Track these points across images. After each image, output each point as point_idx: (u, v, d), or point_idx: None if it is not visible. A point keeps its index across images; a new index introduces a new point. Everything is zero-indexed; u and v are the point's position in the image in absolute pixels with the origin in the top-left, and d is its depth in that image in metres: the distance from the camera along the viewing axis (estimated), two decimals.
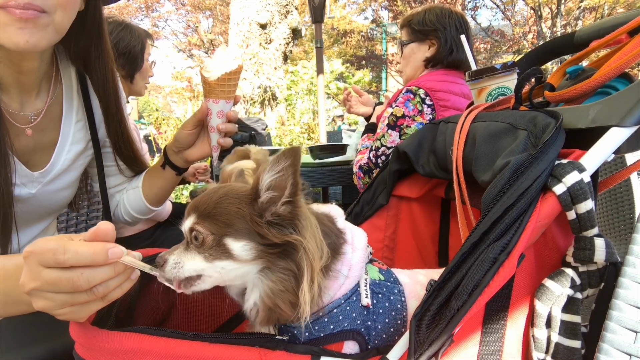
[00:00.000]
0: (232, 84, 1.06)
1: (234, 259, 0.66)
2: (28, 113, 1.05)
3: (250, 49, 8.24)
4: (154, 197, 1.21)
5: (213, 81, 1.04)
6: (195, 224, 0.67)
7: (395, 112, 1.89)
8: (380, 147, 1.91)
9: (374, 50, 18.07)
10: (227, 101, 1.08)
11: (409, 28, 2.08)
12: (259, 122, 3.70)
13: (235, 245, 0.65)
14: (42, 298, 0.60)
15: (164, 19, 19.97)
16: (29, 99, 1.05)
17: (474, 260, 0.64)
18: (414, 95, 1.87)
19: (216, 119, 1.08)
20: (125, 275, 0.63)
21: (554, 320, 0.68)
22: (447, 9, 2.06)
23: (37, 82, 1.04)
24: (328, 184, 2.66)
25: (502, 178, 0.68)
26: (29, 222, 1.10)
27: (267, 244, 0.66)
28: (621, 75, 0.73)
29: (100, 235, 0.60)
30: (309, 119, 8.28)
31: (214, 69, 1.04)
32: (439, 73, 2.00)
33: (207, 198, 0.68)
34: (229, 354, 0.67)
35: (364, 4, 17.96)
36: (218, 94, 1.06)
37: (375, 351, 0.68)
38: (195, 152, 1.15)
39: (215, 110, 1.07)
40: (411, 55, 2.09)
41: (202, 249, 0.66)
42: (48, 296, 0.60)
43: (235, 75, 1.05)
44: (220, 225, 0.65)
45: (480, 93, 1.13)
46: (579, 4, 11.56)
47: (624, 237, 1.61)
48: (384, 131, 1.90)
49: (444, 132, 1.01)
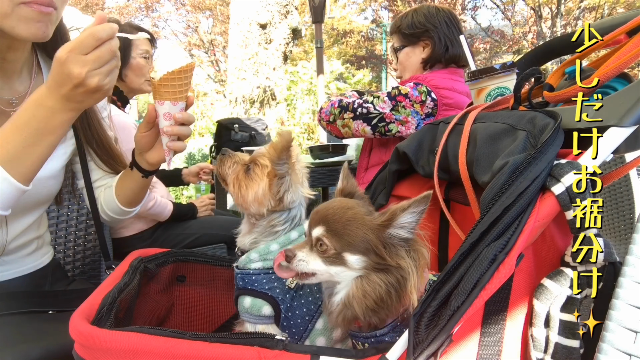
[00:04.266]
0: (177, 84, 1.00)
1: (346, 267, 0.77)
2: (9, 97, 1.07)
3: (250, 49, 8.24)
4: (124, 198, 1.20)
5: (157, 81, 1.00)
6: (324, 237, 0.78)
7: (400, 88, 1.87)
8: (368, 103, 1.88)
9: (374, 50, 18.07)
10: (173, 102, 1.01)
11: (399, 34, 2.06)
12: (259, 122, 3.69)
13: (351, 258, 0.76)
14: (95, 75, 0.83)
15: (164, 19, 19.97)
16: (10, 83, 1.08)
17: (472, 260, 0.64)
18: (421, 86, 1.87)
19: (163, 121, 1.03)
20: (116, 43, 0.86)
21: (553, 319, 0.68)
22: (434, 7, 2.03)
23: (19, 68, 1.09)
24: (328, 184, 2.66)
25: (501, 178, 0.68)
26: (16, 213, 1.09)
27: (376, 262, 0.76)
28: (620, 75, 0.73)
29: (102, 18, 0.83)
30: (309, 119, 8.27)
31: (160, 68, 1.03)
32: (442, 72, 1.99)
33: (337, 216, 0.79)
34: (228, 354, 0.68)
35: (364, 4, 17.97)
36: (162, 95, 1.00)
37: (375, 350, 0.68)
38: (154, 155, 1.11)
39: (161, 112, 1.02)
40: (407, 60, 2.07)
41: (324, 255, 0.78)
42: (97, 71, 0.83)
43: (182, 75, 0.99)
44: (344, 244, 0.77)
45: (479, 93, 1.13)
46: (579, 4, 11.56)
47: (624, 237, 1.61)
48: (382, 95, 1.88)
49: (443, 133, 1.01)
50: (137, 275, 0.97)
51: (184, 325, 1.15)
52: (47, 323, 1.06)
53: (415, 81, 1.90)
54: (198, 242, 2.16)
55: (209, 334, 0.71)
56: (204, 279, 1.18)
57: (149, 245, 2.04)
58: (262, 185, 1.00)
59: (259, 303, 0.96)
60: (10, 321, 1.02)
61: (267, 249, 0.99)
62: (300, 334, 0.94)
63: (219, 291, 1.19)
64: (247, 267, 0.99)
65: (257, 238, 1.03)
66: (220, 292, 1.19)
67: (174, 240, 2.14)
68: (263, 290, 0.96)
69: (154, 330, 0.70)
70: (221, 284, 1.19)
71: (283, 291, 0.96)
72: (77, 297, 1.04)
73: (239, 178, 1.04)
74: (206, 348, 0.68)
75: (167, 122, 1.03)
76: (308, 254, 0.79)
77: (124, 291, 0.87)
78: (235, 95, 8.17)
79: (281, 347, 0.68)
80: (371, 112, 1.87)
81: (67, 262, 1.51)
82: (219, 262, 1.18)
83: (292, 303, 0.95)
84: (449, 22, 1.97)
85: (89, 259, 1.56)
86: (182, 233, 2.15)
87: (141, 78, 2.23)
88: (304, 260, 0.79)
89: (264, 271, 0.97)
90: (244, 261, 1.00)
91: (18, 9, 0.90)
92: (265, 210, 1.00)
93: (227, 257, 1.21)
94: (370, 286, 0.75)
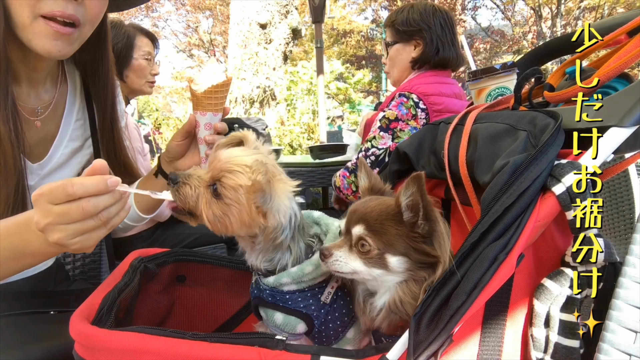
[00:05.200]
0: (219, 96, 1.07)
1: (388, 269, 0.75)
2: (35, 106, 1.10)
3: (250, 49, 8.24)
4: (144, 205, 1.22)
5: (200, 94, 1.06)
6: (366, 237, 0.76)
7: (387, 115, 1.85)
8: (371, 149, 1.87)
9: (373, 50, 18.07)
10: (214, 113, 1.09)
11: (392, 28, 2.03)
12: (259, 122, 3.69)
13: (393, 260, 0.75)
14: (56, 231, 0.70)
15: (164, 19, 19.98)
16: (37, 93, 1.10)
17: (473, 260, 0.64)
18: (407, 99, 1.84)
19: (204, 131, 1.10)
20: (123, 203, 0.74)
21: (553, 319, 0.68)
22: (431, 6, 2.00)
23: (45, 78, 1.11)
24: (328, 184, 2.66)
25: (502, 178, 0.68)
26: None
27: (417, 260, 0.74)
28: (620, 75, 0.73)
29: (97, 170, 0.71)
30: (309, 119, 8.27)
31: (202, 82, 1.06)
32: (428, 75, 1.96)
33: (374, 213, 0.77)
34: (228, 354, 0.68)
35: (364, 4, 17.97)
36: (205, 107, 1.07)
37: (375, 350, 0.68)
38: (186, 163, 1.16)
39: (202, 122, 1.09)
40: (397, 57, 2.04)
41: (365, 256, 0.76)
42: (61, 228, 0.69)
43: (223, 88, 1.07)
44: (386, 244, 0.75)
45: (479, 93, 1.13)
46: (579, 4, 11.57)
47: (624, 237, 1.61)
48: (376, 133, 1.87)
49: (444, 133, 1.01)
50: (137, 275, 0.97)
51: (184, 325, 1.15)
52: (47, 324, 1.06)
53: (400, 92, 1.88)
54: (198, 242, 2.16)
55: (209, 334, 0.71)
56: (204, 279, 1.18)
57: (149, 245, 2.04)
58: (244, 210, 0.81)
59: (293, 321, 0.89)
60: (11, 322, 1.03)
61: (301, 272, 0.88)
62: (330, 343, 0.92)
63: (219, 291, 1.19)
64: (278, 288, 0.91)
65: (267, 256, 0.90)
66: (220, 292, 1.19)
67: (174, 240, 2.14)
68: (297, 308, 0.89)
69: (154, 330, 0.70)
70: (221, 284, 1.19)
71: (318, 307, 0.90)
72: (77, 297, 1.04)
73: (211, 207, 0.83)
74: (206, 348, 0.68)
75: (208, 131, 1.10)
76: (346, 255, 0.77)
77: (124, 291, 0.87)
78: (235, 95, 8.17)
79: (281, 347, 0.68)
80: (378, 154, 1.86)
81: (67, 263, 1.51)
82: (219, 262, 1.18)
83: (326, 317, 0.90)
84: (443, 24, 1.94)
85: (89, 259, 1.56)
86: (182, 233, 2.16)
87: (142, 79, 2.23)
88: (341, 260, 0.77)
89: (299, 291, 0.91)
90: (274, 283, 0.90)
91: (36, 22, 0.89)
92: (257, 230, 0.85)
93: (227, 257, 1.21)
94: (417, 287, 0.74)
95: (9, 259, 0.80)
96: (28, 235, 0.77)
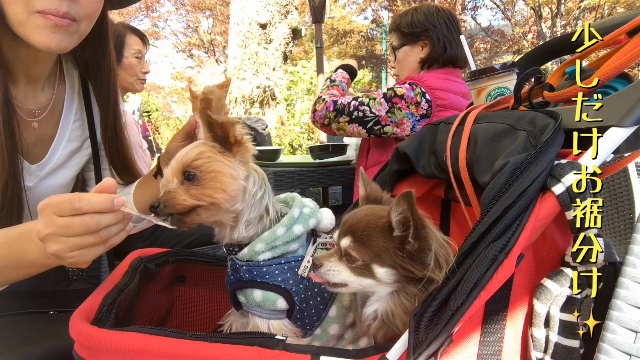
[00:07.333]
0: None
1: (376, 280, 0.75)
2: (32, 107, 1.09)
3: (250, 49, 8.25)
4: (144, 205, 1.21)
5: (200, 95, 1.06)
6: (351, 249, 0.76)
7: (396, 89, 1.87)
8: (365, 105, 1.86)
9: (374, 50, 18.08)
10: None
11: (398, 32, 2.06)
12: (259, 122, 3.70)
13: (380, 271, 0.75)
14: (55, 242, 0.71)
15: (163, 19, 19.97)
16: (34, 93, 1.09)
17: (473, 260, 0.64)
18: (416, 87, 1.87)
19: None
20: (124, 224, 0.76)
21: (553, 319, 0.68)
22: (434, 6, 2.03)
23: (43, 77, 1.10)
24: (328, 184, 2.66)
25: (501, 178, 0.68)
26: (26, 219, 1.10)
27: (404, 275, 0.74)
28: (620, 75, 0.73)
29: (105, 188, 0.73)
30: (309, 119, 8.28)
31: (202, 82, 1.06)
32: (439, 72, 1.99)
33: (361, 225, 0.77)
34: (228, 354, 0.68)
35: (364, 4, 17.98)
36: None
37: (375, 350, 0.68)
38: None
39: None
40: (405, 59, 2.07)
41: (353, 266, 0.77)
42: (61, 240, 0.70)
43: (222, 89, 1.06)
44: (371, 255, 0.75)
45: (479, 93, 1.13)
46: (579, 4, 11.57)
47: (624, 237, 1.61)
48: (378, 97, 1.87)
49: (444, 133, 1.01)
50: (137, 275, 0.97)
51: (184, 325, 1.15)
52: (47, 324, 1.06)
53: (411, 81, 1.90)
54: (198, 242, 2.16)
55: (209, 334, 0.71)
56: (204, 279, 1.18)
57: (149, 245, 2.04)
58: (223, 169, 0.85)
59: (273, 296, 0.90)
60: (11, 322, 1.02)
61: (273, 234, 0.90)
62: (312, 324, 0.92)
63: (219, 291, 1.19)
64: (254, 259, 0.91)
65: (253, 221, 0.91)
66: (220, 292, 1.19)
67: (174, 240, 2.14)
68: (276, 283, 0.90)
69: (154, 330, 0.70)
70: (221, 284, 1.19)
71: (296, 281, 0.91)
72: (77, 297, 1.04)
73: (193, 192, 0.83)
74: (206, 348, 0.68)
75: None
76: (336, 264, 0.78)
77: (124, 291, 0.87)
78: (235, 95, 8.17)
79: (281, 347, 0.68)
80: (367, 115, 1.87)
81: None
82: (219, 262, 1.18)
83: (305, 293, 0.91)
84: (448, 23, 1.97)
85: None
86: (182, 233, 2.16)
87: (133, 77, 2.27)
88: (332, 270, 0.78)
89: (275, 261, 0.91)
90: (249, 254, 0.90)
91: (33, 17, 0.89)
92: (240, 192, 0.87)
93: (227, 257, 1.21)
94: (409, 301, 0.74)
95: (8, 267, 0.81)
96: (27, 245, 0.78)
